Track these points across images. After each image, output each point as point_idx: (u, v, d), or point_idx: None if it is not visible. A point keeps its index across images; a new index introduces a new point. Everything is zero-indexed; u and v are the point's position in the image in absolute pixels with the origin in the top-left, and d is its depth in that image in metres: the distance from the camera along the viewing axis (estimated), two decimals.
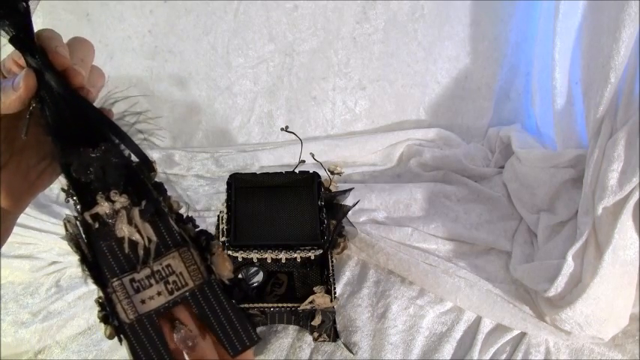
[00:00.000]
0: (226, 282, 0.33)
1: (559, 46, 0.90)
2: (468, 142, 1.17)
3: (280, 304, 0.74)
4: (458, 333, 0.79)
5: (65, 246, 0.91)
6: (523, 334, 0.79)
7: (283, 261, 0.75)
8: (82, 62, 0.34)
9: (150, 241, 0.32)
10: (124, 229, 0.31)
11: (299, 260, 0.75)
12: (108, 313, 0.31)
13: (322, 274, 0.78)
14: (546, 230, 0.89)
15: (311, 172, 0.84)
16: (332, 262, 0.78)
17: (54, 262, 0.90)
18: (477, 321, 0.81)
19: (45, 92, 0.31)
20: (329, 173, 0.89)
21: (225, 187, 0.83)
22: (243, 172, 0.89)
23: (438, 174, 1.09)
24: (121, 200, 0.31)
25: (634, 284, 0.75)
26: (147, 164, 0.33)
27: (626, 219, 0.72)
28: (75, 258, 0.95)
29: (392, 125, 1.19)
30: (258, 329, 0.77)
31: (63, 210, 0.98)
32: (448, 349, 0.77)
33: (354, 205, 0.86)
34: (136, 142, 0.33)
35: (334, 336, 0.77)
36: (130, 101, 0.35)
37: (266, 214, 0.79)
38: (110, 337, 0.31)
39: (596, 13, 0.81)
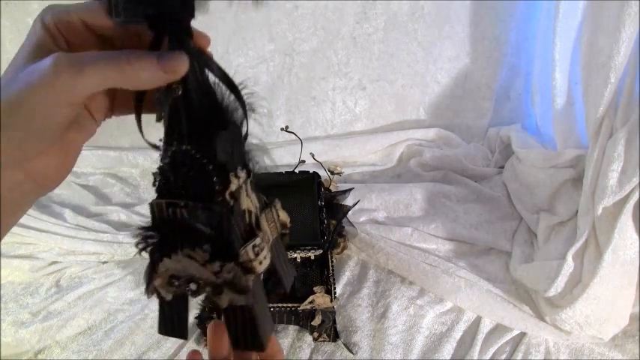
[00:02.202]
0: (285, 232, 0.37)
1: (559, 46, 0.90)
2: (468, 142, 1.18)
3: (280, 304, 0.74)
4: (458, 333, 0.79)
5: (65, 246, 0.92)
6: (523, 334, 0.79)
7: None
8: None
9: (257, 208, 0.33)
10: (245, 202, 0.32)
11: (299, 260, 0.75)
12: (223, 285, 0.31)
13: (322, 274, 0.78)
14: (546, 230, 0.89)
15: (311, 172, 0.84)
16: (332, 262, 0.78)
17: (54, 262, 0.90)
18: (477, 321, 0.81)
19: (192, 78, 0.30)
20: (329, 173, 0.89)
21: None
22: None
23: (438, 174, 1.09)
24: (242, 176, 0.32)
25: (634, 284, 0.75)
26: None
27: (626, 219, 0.72)
28: (75, 258, 0.94)
29: (392, 125, 1.19)
30: None
31: (63, 210, 0.98)
32: (448, 349, 0.77)
33: (354, 205, 0.86)
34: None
35: (334, 336, 0.77)
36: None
37: None
38: (223, 306, 0.32)
39: (596, 13, 0.81)
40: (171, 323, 0.35)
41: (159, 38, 0.30)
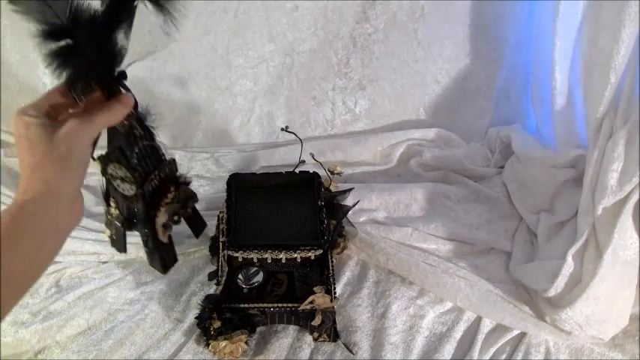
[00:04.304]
0: None
1: (559, 46, 0.90)
2: (468, 142, 1.17)
3: (280, 304, 0.74)
4: (458, 333, 0.79)
5: (65, 246, 0.91)
6: (523, 334, 0.79)
7: (283, 261, 0.75)
8: None
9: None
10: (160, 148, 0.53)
11: (299, 260, 0.75)
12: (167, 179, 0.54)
13: (322, 274, 0.78)
14: (546, 230, 0.89)
15: (311, 172, 0.84)
16: (332, 262, 0.78)
17: (54, 262, 0.89)
18: (477, 321, 0.81)
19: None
20: (329, 173, 0.89)
21: (225, 187, 0.83)
22: (243, 172, 0.89)
23: (438, 174, 1.09)
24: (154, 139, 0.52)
25: (634, 284, 0.75)
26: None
27: (626, 219, 0.72)
28: (75, 258, 0.94)
29: (392, 125, 1.19)
30: (258, 329, 0.77)
31: None
32: (448, 349, 0.77)
33: (354, 205, 0.86)
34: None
35: (334, 336, 0.77)
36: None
37: (266, 214, 0.79)
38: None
39: (596, 13, 0.81)
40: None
41: (109, 90, 0.45)
